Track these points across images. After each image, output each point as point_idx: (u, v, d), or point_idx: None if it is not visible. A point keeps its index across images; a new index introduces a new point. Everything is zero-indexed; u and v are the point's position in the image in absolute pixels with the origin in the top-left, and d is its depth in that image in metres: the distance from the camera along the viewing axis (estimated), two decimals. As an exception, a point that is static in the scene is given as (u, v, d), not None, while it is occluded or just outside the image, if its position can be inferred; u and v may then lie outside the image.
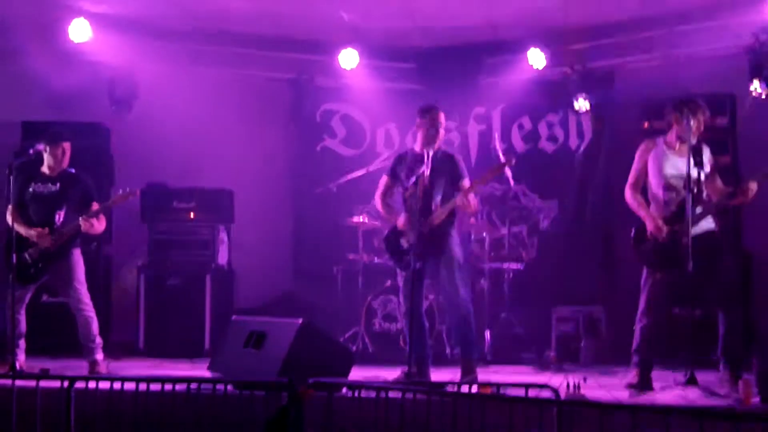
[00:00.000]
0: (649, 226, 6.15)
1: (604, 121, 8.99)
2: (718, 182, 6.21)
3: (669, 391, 5.92)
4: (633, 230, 6.28)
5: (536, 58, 8.77)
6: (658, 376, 6.21)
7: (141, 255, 8.85)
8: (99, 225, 6.85)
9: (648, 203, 6.31)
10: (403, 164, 6.79)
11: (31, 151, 6.86)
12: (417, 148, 6.75)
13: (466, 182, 6.63)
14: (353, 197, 9.16)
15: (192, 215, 8.78)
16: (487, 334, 8.14)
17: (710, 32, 8.26)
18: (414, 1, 8.25)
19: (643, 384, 6.10)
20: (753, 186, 5.95)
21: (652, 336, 6.16)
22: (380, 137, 9.82)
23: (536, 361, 7.98)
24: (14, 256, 6.58)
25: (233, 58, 9.38)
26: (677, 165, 6.11)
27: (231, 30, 9.03)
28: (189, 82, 9.19)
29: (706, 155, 6.12)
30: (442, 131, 6.72)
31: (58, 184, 6.91)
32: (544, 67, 8.86)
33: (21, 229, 6.79)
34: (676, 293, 6.14)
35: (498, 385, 5.03)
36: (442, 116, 6.72)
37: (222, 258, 8.87)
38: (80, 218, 6.72)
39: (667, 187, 6.18)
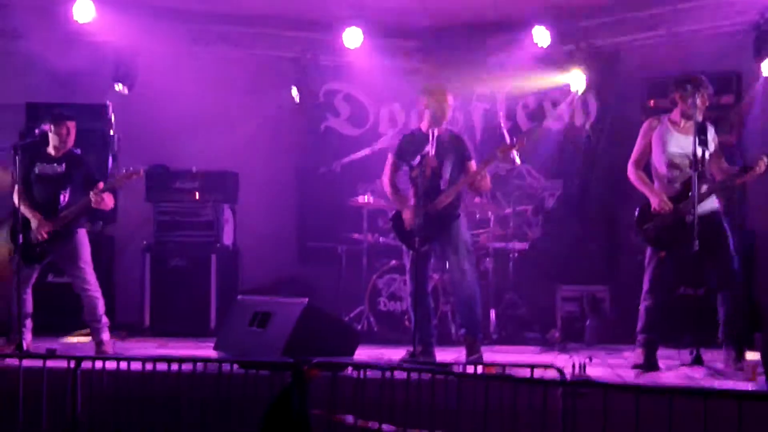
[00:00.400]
0: (654, 203, 6.12)
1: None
2: (723, 161, 6.19)
3: (675, 370, 5.93)
4: (637, 209, 6.27)
5: (541, 36, 8.73)
6: (663, 355, 6.23)
7: (146, 235, 8.86)
8: (109, 200, 6.85)
9: (652, 181, 6.29)
10: (410, 144, 6.74)
11: (36, 132, 6.87)
12: (423, 127, 6.70)
13: (473, 164, 6.59)
14: (357, 177, 9.15)
15: (196, 195, 8.78)
16: (492, 313, 8.14)
17: (715, 9, 8.22)
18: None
19: (649, 364, 6.10)
20: (765, 160, 5.92)
21: (656, 315, 6.16)
22: (384, 116, 9.79)
23: (541, 340, 8.00)
24: (20, 236, 6.60)
25: (236, 37, 9.35)
26: (681, 143, 6.09)
27: (233, 9, 8.99)
28: (192, 61, 9.19)
29: (711, 134, 6.09)
30: (449, 111, 6.67)
31: (63, 165, 6.89)
32: (549, 45, 8.81)
33: (26, 210, 6.80)
34: (680, 272, 6.14)
35: (503, 366, 5.05)
36: (449, 96, 6.67)
37: (227, 238, 8.89)
38: (91, 192, 6.72)
39: (671, 165, 6.16)
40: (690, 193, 5.87)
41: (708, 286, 6.70)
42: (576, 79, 8.89)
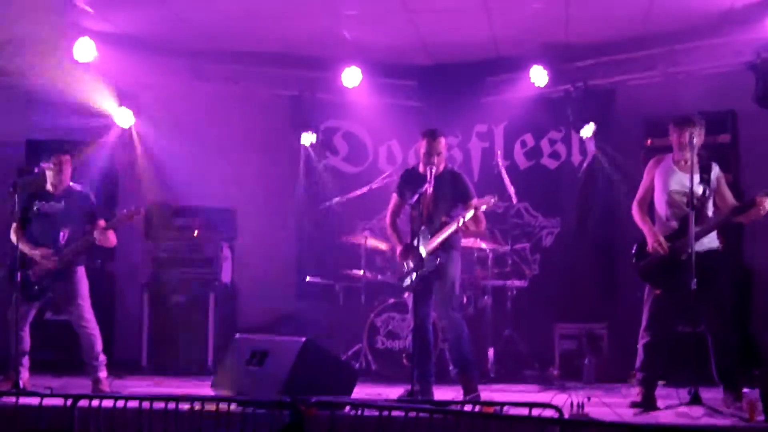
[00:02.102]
0: (648, 242, 6.16)
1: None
2: (729, 199, 6.19)
3: (673, 409, 5.90)
4: (634, 246, 6.30)
5: (538, 76, 8.80)
6: (661, 394, 6.21)
7: (144, 272, 8.86)
8: (112, 238, 6.86)
9: (653, 219, 6.32)
10: (408, 182, 6.78)
11: (36, 169, 6.90)
12: (420, 168, 6.74)
13: (473, 203, 6.58)
14: (356, 214, 9.19)
15: (195, 233, 8.79)
16: (490, 351, 8.12)
17: (710, 50, 8.29)
18: (416, 18, 8.29)
19: (647, 402, 6.08)
20: (765, 201, 5.93)
21: (655, 353, 6.16)
22: (383, 154, 9.84)
23: (539, 378, 7.98)
24: (18, 274, 6.60)
25: (236, 75, 9.42)
26: (682, 181, 6.11)
27: (234, 47, 9.07)
28: (192, 99, 9.25)
29: (714, 172, 6.13)
30: (440, 156, 6.62)
31: (62, 202, 6.90)
32: (546, 85, 8.89)
33: (25, 247, 6.81)
34: (678, 310, 6.14)
35: (501, 404, 5.03)
36: (442, 142, 6.64)
37: (225, 275, 8.89)
38: (95, 231, 6.72)
39: (670, 203, 6.19)
40: (687, 232, 5.89)
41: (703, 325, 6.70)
42: (573, 118, 8.93)
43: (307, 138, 9.56)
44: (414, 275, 6.40)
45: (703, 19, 8.05)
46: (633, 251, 6.29)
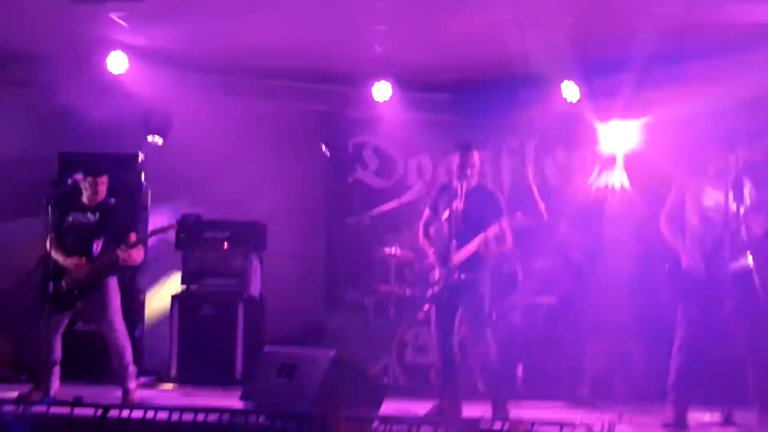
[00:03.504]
0: (684, 262, 6.07)
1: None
2: (762, 216, 6.11)
3: (706, 430, 5.83)
4: (668, 264, 6.21)
5: (570, 91, 8.76)
6: (694, 414, 6.13)
7: (174, 284, 8.90)
8: (137, 255, 6.91)
9: (684, 235, 6.23)
10: (443, 196, 6.77)
11: (69, 182, 6.96)
12: (453, 183, 6.72)
13: (503, 221, 6.54)
14: (385, 228, 9.17)
15: (225, 245, 8.83)
16: (520, 368, 8.06)
17: (744, 65, 8.20)
18: (447, 33, 8.28)
19: (679, 423, 6.01)
20: None
21: (688, 373, 6.08)
22: (412, 169, 9.82)
23: (570, 396, 7.90)
24: (50, 284, 6.66)
25: (266, 90, 9.47)
26: (716, 198, 6.04)
27: (264, 62, 9.11)
28: (223, 113, 9.28)
29: (747, 188, 6.05)
30: (473, 171, 6.64)
31: (96, 215, 6.98)
32: (578, 101, 8.84)
33: (59, 257, 6.87)
34: (713, 329, 6.07)
35: (530, 422, 4.98)
36: (474, 155, 6.65)
37: (254, 288, 8.91)
38: (118, 250, 6.78)
39: (704, 220, 6.11)
40: (722, 250, 5.82)
41: (739, 344, 6.61)
42: (604, 135, 8.89)
43: (337, 152, 9.56)
44: (439, 288, 6.36)
45: (741, 35, 7.96)
46: (667, 269, 6.21)
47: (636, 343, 8.20)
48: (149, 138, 9.15)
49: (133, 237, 6.84)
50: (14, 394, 6.54)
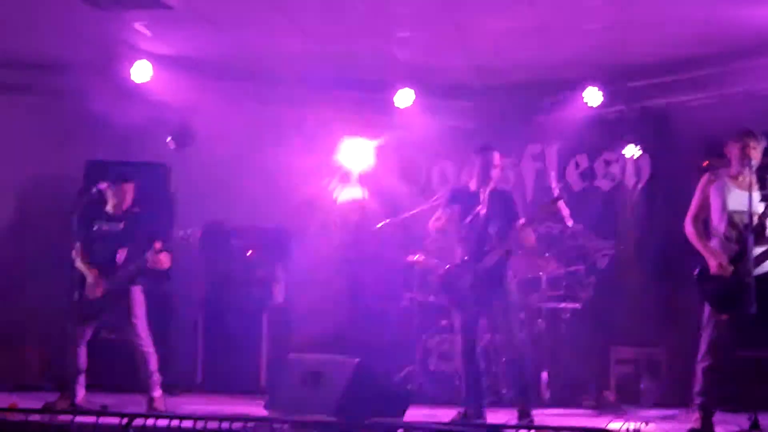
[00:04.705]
0: (712, 266, 6.00)
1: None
2: None
3: (732, 435, 5.79)
4: (697, 269, 6.12)
5: (592, 96, 8.73)
6: (720, 420, 6.07)
7: (199, 292, 8.94)
8: (165, 260, 6.94)
9: (709, 237, 6.18)
10: (459, 201, 6.76)
11: (94, 190, 7.00)
12: (472, 186, 6.73)
13: (520, 222, 6.57)
14: (409, 234, 9.16)
15: (250, 253, 8.85)
16: (544, 375, 8.03)
17: (766, 69, 8.15)
18: (469, 40, 8.28)
19: (706, 428, 5.95)
20: None
21: (714, 378, 6.02)
22: (436, 175, 9.82)
23: (595, 403, 7.85)
24: (76, 293, 6.71)
25: (290, 96, 9.47)
26: (741, 200, 5.96)
27: (287, 69, 9.14)
28: (247, 119, 9.31)
29: None
30: (495, 171, 6.67)
31: (122, 223, 7.01)
32: (601, 105, 8.81)
33: (83, 267, 6.92)
34: (740, 334, 6.01)
35: (555, 429, 4.97)
36: (496, 156, 6.69)
37: (279, 296, 8.94)
38: (148, 252, 6.81)
39: (730, 222, 6.04)
40: (747, 253, 5.76)
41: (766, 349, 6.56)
42: (628, 140, 8.85)
43: (362, 159, 9.59)
44: (463, 293, 6.36)
45: (761, 38, 7.92)
46: (695, 273, 6.14)
47: (661, 348, 8.15)
48: (175, 145, 9.16)
49: (158, 245, 6.87)
50: (41, 402, 6.58)
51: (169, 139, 9.09)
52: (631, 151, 8.81)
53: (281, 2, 7.50)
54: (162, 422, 5.23)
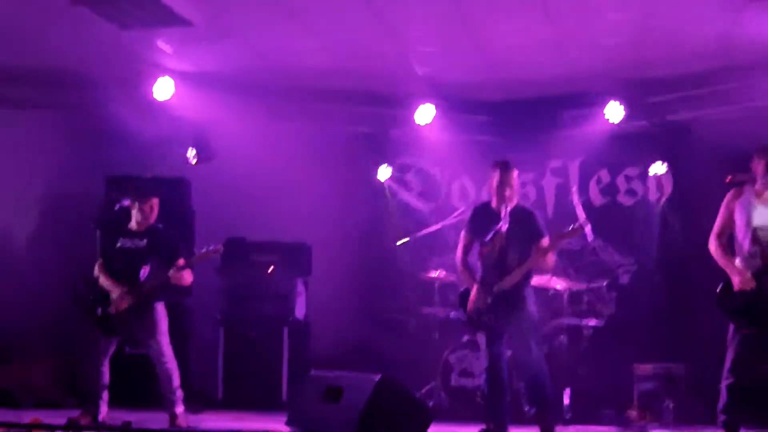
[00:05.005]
0: (735, 282, 5.97)
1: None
2: None
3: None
4: (721, 285, 6.10)
5: (614, 112, 8.70)
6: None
7: (220, 307, 8.95)
8: (188, 276, 6.95)
9: (733, 254, 6.14)
10: (480, 219, 6.74)
11: (117, 207, 7.03)
12: (493, 203, 6.70)
13: (544, 241, 6.53)
14: (429, 250, 9.16)
15: (271, 268, 8.86)
16: (566, 391, 7.98)
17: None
18: (488, 55, 8.29)
19: (730, 446, 5.91)
20: None
21: (739, 395, 5.97)
22: (455, 191, 9.80)
23: (617, 420, 7.80)
24: (99, 309, 6.73)
25: (310, 112, 9.50)
26: (766, 216, 5.94)
27: (308, 85, 9.17)
28: (268, 135, 9.34)
29: None
30: (512, 189, 6.61)
31: (145, 240, 7.00)
32: (622, 120, 8.78)
33: (106, 283, 6.94)
34: (765, 350, 5.96)
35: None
36: (514, 174, 6.64)
37: (299, 311, 8.94)
38: (171, 270, 6.82)
39: (755, 239, 6.00)
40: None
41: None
42: (650, 155, 8.81)
43: (383, 174, 9.60)
44: (489, 313, 6.35)
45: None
46: (719, 290, 6.10)
47: (683, 365, 8.08)
48: (189, 155, 9.17)
49: (181, 262, 6.87)
50: (64, 419, 6.59)
51: (190, 153, 9.12)
52: (657, 168, 8.77)
53: (301, 19, 7.54)
54: (184, 439, 5.24)
